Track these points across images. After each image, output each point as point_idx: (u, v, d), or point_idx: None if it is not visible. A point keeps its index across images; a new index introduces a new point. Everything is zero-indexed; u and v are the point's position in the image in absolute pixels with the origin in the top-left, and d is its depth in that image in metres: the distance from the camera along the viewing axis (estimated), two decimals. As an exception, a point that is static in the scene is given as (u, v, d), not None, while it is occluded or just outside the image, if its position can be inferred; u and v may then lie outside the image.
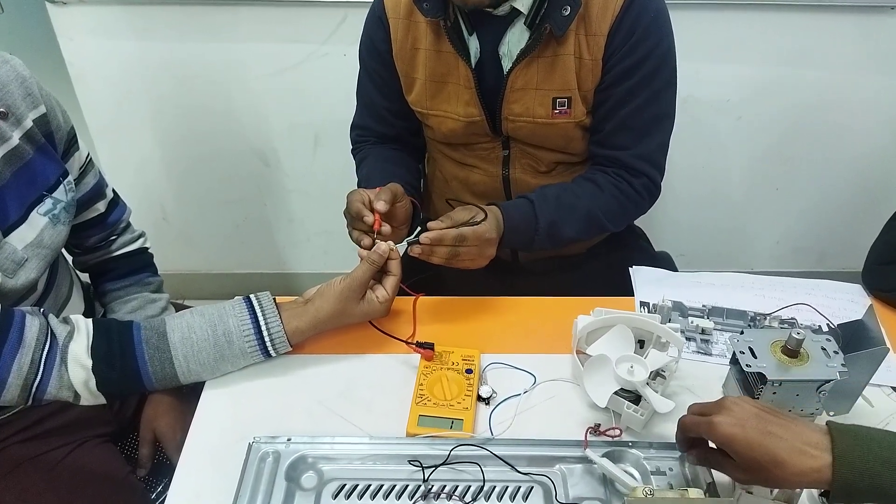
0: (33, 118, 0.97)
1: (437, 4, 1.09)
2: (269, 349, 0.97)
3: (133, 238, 1.22)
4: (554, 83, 1.11)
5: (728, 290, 1.13)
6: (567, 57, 1.09)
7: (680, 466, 0.84)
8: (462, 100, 1.16)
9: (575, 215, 1.14)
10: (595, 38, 1.08)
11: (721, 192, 2.11)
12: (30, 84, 0.97)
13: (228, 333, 0.95)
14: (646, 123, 1.15)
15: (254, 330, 0.96)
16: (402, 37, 1.16)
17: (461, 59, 1.12)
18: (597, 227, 1.18)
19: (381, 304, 1.00)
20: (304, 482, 0.83)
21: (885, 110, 1.93)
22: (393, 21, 1.16)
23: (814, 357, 0.85)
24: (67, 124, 1.06)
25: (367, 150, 1.32)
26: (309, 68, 1.83)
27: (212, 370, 0.96)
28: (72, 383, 0.90)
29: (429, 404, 0.90)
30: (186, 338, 0.94)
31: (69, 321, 0.93)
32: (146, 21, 1.76)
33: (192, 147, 2.01)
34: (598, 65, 1.10)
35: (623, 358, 0.89)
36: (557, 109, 1.13)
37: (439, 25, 1.11)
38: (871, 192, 2.07)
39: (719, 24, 1.75)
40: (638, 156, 1.16)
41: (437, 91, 1.18)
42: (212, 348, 0.94)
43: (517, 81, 1.12)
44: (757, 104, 1.91)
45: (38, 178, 0.98)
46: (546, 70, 1.11)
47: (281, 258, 2.29)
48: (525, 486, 0.82)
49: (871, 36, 1.79)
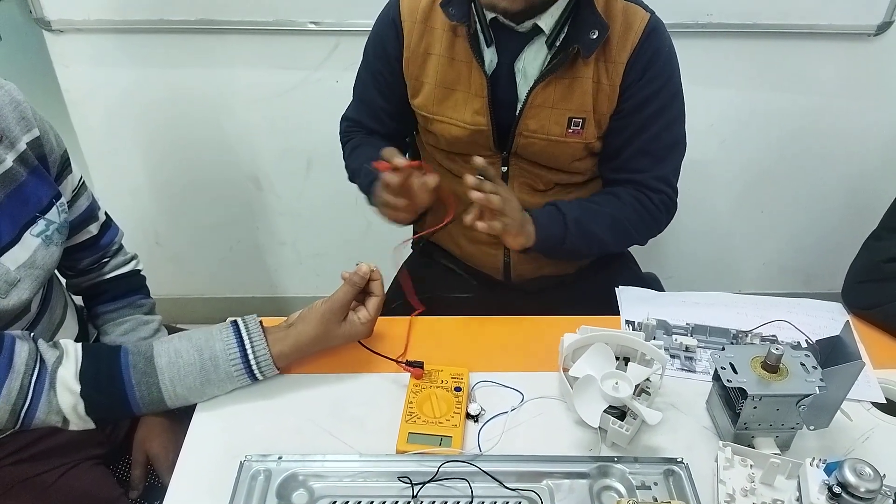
0: (27, 141, 0.99)
1: (462, 10, 1.11)
2: (256, 373, 0.97)
3: (126, 260, 1.24)
4: (571, 103, 1.15)
5: (711, 309, 1.15)
6: (586, 80, 1.13)
7: (664, 481, 0.86)
8: (471, 108, 1.17)
9: (600, 217, 1.18)
10: (614, 65, 1.12)
11: (707, 215, 2.14)
12: (24, 108, 0.99)
13: (215, 357, 0.96)
14: (661, 150, 1.20)
15: (240, 354, 0.96)
16: (416, 41, 1.18)
17: (477, 67, 1.14)
18: (622, 234, 1.22)
19: (363, 325, 1.01)
20: (294, 500, 0.84)
21: (867, 134, 1.97)
22: (408, 25, 1.18)
23: (793, 372, 0.87)
24: (61, 148, 1.08)
25: (359, 138, 1.33)
26: (302, 94, 1.86)
27: (199, 394, 0.97)
28: (60, 408, 0.91)
29: (418, 422, 0.92)
30: (173, 362, 0.95)
31: (58, 346, 0.94)
32: (141, 48, 1.79)
33: (186, 172, 2.03)
34: (615, 91, 1.14)
35: (607, 375, 0.91)
36: (572, 129, 1.16)
37: (455, 33, 1.14)
38: (856, 214, 2.11)
39: (703, 49, 1.79)
40: (654, 177, 1.21)
41: (444, 97, 1.19)
42: (198, 372, 0.95)
43: (536, 98, 1.14)
44: (740, 129, 1.95)
45: (31, 199, 0.99)
46: (564, 90, 1.14)
47: (273, 282, 2.31)
48: (513, 501, 0.84)
49: (852, 62, 1.84)
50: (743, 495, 0.81)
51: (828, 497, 0.76)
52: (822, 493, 0.77)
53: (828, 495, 0.76)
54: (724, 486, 0.81)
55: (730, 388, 0.90)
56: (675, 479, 0.85)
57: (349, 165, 1.32)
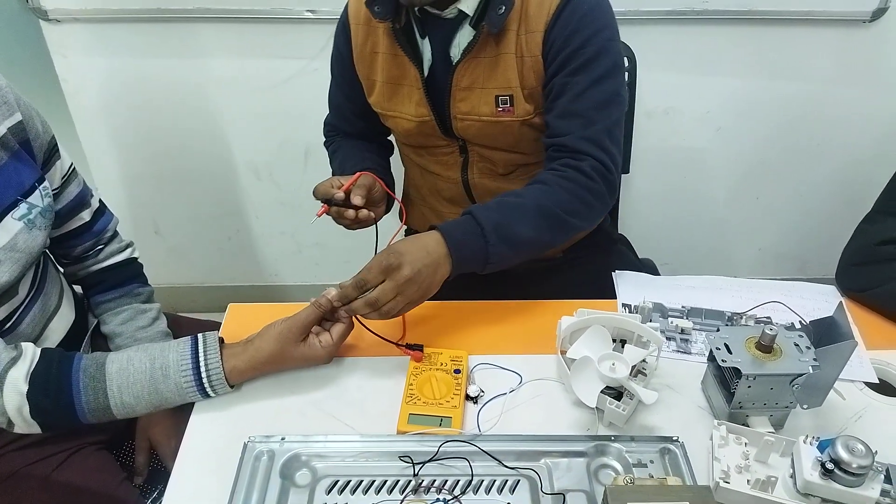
0: (8, 126, 0.99)
1: (387, 8, 1.12)
2: (206, 386, 0.95)
3: (121, 248, 1.23)
4: (496, 81, 1.14)
5: (707, 293, 1.16)
6: (508, 56, 1.12)
7: (660, 459, 0.87)
8: (413, 100, 1.20)
9: (523, 213, 1.06)
10: (533, 34, 1.11)
11: (703, 201, 2.15)
12: (5, 93, 0.99)
13: (166, 367, 0.94)
14: (588, 110, 1.11)
15: (192, 365, 0.95)
16: (363, 41, 1.21)
17: (411, 60, 1.16)
18: (558, 223, 1.09)
19: (324, 350, 0.99)
20: (298, 479, 0.86)
21: (861, 120, 1.99)
22: (354, 27, 1.21)
23: (787, 352, 0.89)
24: (48, 134, 1.08)
25: (338, 142, 1.39)
26: (299, 84, 1.87)
27: (145, 404, 0.94)
28: (5, 409, 0.89)
29: (418, 403, 0.93)
30: (123, 369, 0.94)
31: (18, 347, 0.93)
32: (138, 38, 1.80)
33: (185, 161, 2.04)
34: (538, 61, 1.12)
35: (604, 356, 0.93)
36: (500, 108, 1.16)
37: (394, 28, 1.15)
38: (851, 200, 2.12)
39: (699, 37, 1.80)
40: (581, 138, 1.11)
41: (393, 93, 1.22)
42: (147, 381, 0.93)
43: (462, 80, 1.15)
44: (736, 115, 1.97)
45: (11, 182, 0.99)
46: (489, 69, 1.14)
47: (272, 270, 2.32)
48: (512, 479, 0.85)
49: (847, 49, 1.85)
50: (738, 472, 0.82)
51: (821, 473, 0.78)
52: (815, 469, 0.78)
53: (821, 471, 0.78)
54: (718, 464, 0.83)
55: (724, 369, 0.91)
56: (671, 457, 0.87)
57: (332, 169, 1.37)
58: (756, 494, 0.80)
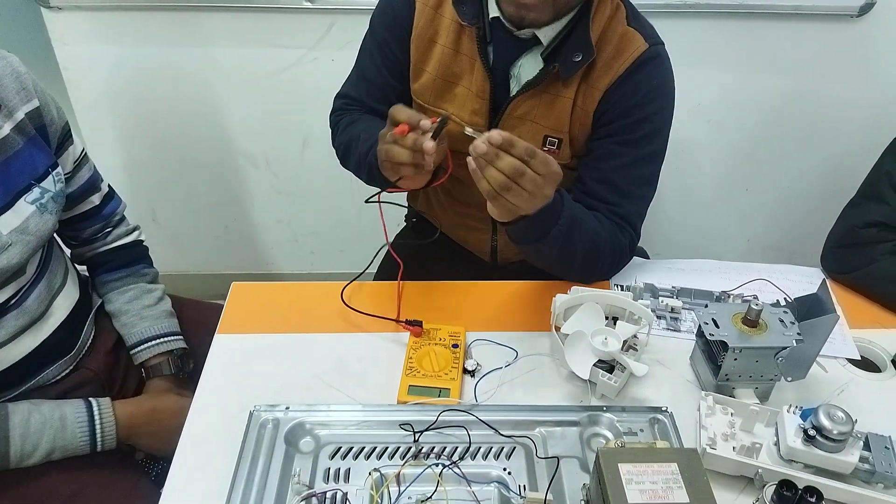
0: (26, 111, 1.02)
1: (474, 10, 1.08)
2: (96, 420, 1.04)
3: (128, 231, 1.27)
4: (550, 121, 1.11)
5: (696, 275, 1.21)
6: (567, 100, 1.09)
7: (650, 427, 0.91)
8: (470, 106, 1.14)
9: (587, 229, 1.07)
10: (592, 90, 1.08)
11: (693, 192, 2.19)
12: (24, 80, 1.02)
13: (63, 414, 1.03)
14: (627, 184, 1.12)
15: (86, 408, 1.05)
16: (425, 25, 1.13)
17: (482, 68, 1.10)
18: (593, 258, 1.10)
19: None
20: (302, 446, 0.89)
21: (849, 113, 2.02)
22: (420, 6, 1.13)
23: (772, 327, 0.92)
24: (62, 120, 1.10)
25: (355, 115, 1.23)
26: (298, 72, 1.89)
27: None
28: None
29: (418, 375, 0.97)
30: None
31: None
32: (139, 26, 1.82)
33: (183, 150, 2.06)
34: (589, 117, 1.10)
35: (597, 331, 0.97)
36: (547, 147, 1.12)
37: (462, 27, 1.10)
38: (839, 191, 2.13)
39: (690, 30, 1.84)
40: (619, 214, 1.13)
41: (444, 90, 1.15)
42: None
43: (517, 109, 1.11)
44: (727, 109, 2.00)
45: (26, 167, 1.02)
46: (546, 106, 1.10)
47: (269, 259, 2.34)
48: (508, 447, 0.88)
49: (834, 43, 1.88)
50: (724, 440, 0.86)
51: (803, 440, 0.82)
52: (797, 436, 0.83)
53: (803, 438, 0.82)
54: (705, 432, 0.87)
55: (712, 343, 0.95)
56: (660, 426, 0.91)
57: (342, 140, 1.21)
58: (741, 460, 0.84)
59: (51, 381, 1.11)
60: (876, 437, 0.83)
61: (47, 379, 1.11)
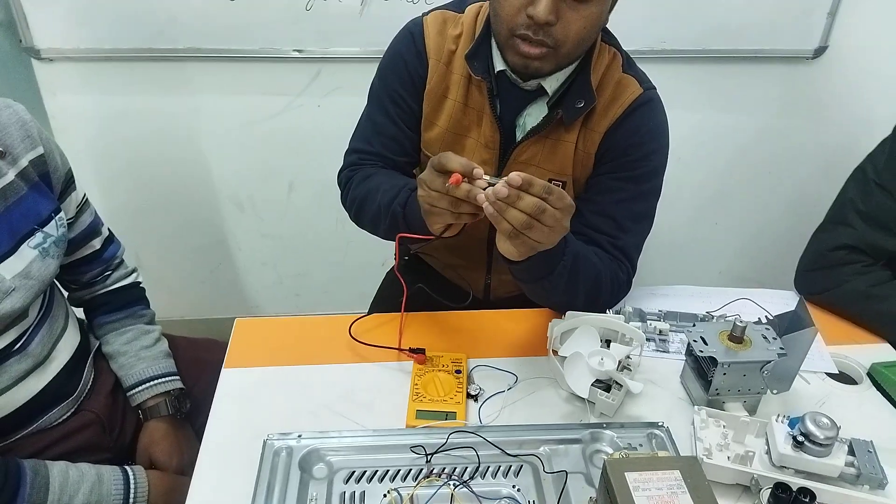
0: (30, 158, 1.04)
1: (483, 65, 1.11)
2: (131, 480, 1.08)
3: (126, 273, 1.30)
4: (553, 165, 1.15)
5: (679, 299, 1.27)
6: (569, 144, 1.14)
7: (648, 442, 0.95)
8: (479, 157, 1.17)
9: (590, 267, 1.09)
10: (592, 133, 1.13)
11: (665, 227, 2.26)
12: (30, 128, 1.05)
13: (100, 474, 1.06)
14: (626, 218, 1.16)
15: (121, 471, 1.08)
16: (438, 81, 1.17)
17: (492, 119, 1.14)
18: (595, 289, 1.11)
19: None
20: (315, 472, 0.91)
21: (809, 149, 2.14)
22: (433, 63, 1.16)
23: (756, 343, 0.99)
24: (65, 166, 1.13)
25: (369, 170, 1.22)
26: (284, 118, 1.94)
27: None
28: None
29: (424, 400, 1.00)
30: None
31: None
32: (126, 76, 1.85)
33: (168, 195, 2.08)
34: (590, 159, 1.15)
35: (593, 352, 1.02)
36: None
37: (470, 81, 1.14)
38: (803, 221, 2.23)
39: (659, 73, 1.89)
40: (618, 247, 1.16)
41: (454, 142, 1.19)
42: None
43: (522, 154, 1.15)
44: (695, 147, 2.10)
45: (30, 212, 1.04)
46: (550, 150, 1.14)
47: (254, 301, 2.36)
48: (515, 465, 0.92)
49: (793, 82, 2.01)
50: (719, 450, 0.91)
51: (793, 446, 0.87)
52: (787, 443, 0.88)
53: (793, 444, 0.87)
54: (701, 443, 0.92)
55: (701, 359, 1.01)
56: (658, 440, 0.95)
57: (356, 194, 1.20)
58: (737, 468, 0.89)
59: (54, 423, 1.12)
60: (859, 442, 0.89)
61: (50, 421, 1.12)
